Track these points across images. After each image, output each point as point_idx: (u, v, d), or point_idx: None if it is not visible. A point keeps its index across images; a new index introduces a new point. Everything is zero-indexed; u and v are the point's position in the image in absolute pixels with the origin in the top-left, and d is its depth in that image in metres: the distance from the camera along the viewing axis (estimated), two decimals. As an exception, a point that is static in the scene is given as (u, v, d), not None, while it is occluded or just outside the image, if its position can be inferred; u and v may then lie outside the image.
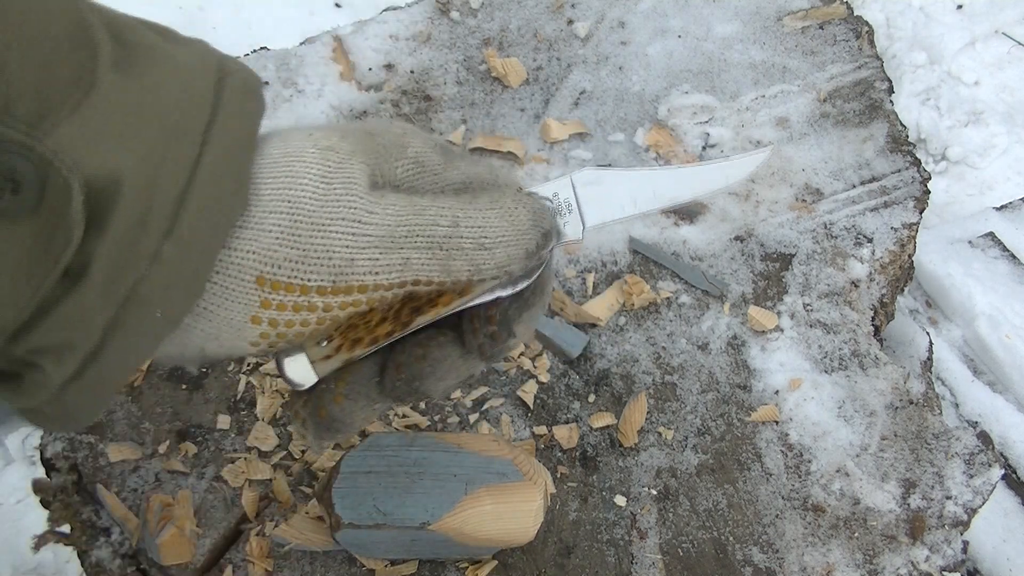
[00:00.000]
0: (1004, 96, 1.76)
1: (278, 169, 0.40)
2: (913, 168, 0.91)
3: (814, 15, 1.02)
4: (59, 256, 0.33)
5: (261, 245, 0.39)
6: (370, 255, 0.41)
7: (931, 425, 0.76)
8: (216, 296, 0.39)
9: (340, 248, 0.40)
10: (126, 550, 0.70)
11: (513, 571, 0.69)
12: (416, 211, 0.42)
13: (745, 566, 0.70)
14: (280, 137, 0.41)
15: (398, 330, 0.44)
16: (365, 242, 0.41)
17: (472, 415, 0.76)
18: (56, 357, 0.35)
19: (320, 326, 0.42)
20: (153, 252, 0.35)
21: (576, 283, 0.84)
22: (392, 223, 0.41)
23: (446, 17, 1.03)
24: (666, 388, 0.78)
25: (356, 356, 0.44)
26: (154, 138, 0.35)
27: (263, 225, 0.39)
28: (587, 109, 0.96)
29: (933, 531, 0.72)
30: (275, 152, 0.40)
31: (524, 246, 0.44)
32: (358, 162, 0.42)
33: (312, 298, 0.41)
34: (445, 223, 0.42)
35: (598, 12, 1.03)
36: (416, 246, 0.42)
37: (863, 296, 0.85)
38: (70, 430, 0.69)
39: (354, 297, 0.42)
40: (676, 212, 0.88)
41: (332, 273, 0.41)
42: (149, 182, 0.34)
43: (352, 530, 0.62)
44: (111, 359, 0.36)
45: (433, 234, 0.42)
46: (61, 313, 0.34)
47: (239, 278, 0.39)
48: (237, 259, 0.39)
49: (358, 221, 0.40)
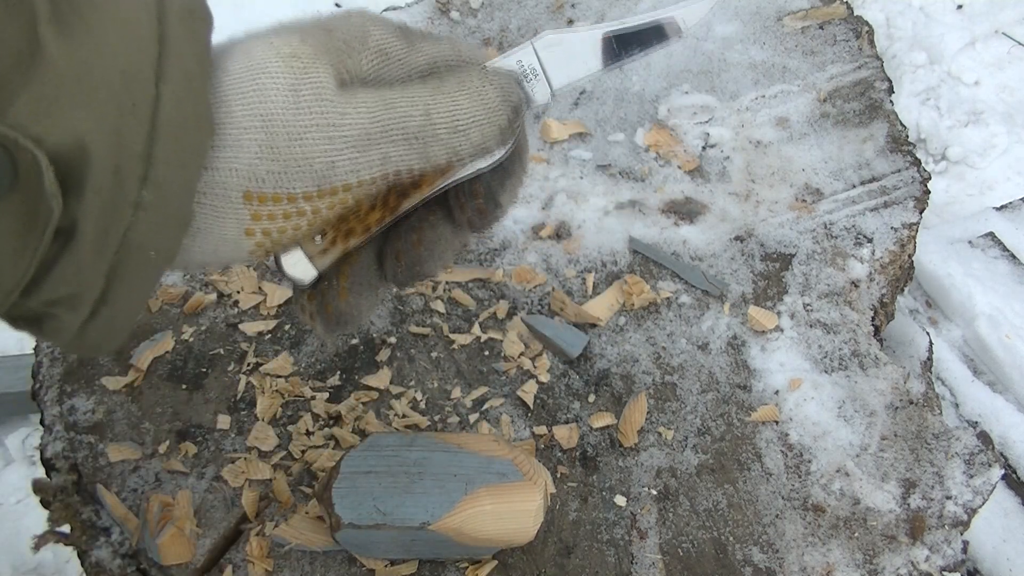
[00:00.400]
0: (1004, 96, 1.76)
1: (245, 85, 0.40)
2: (913, 168, 0.91)
3: (814, 15, 1.02)
4: (46, 224, 0.34)
5: (242, 163, 0.40)
6: (349, 156, 0.42)
7: (931, 425, 0.76)
8: (208, 217, 0.40)
9: (319, 155, 0.41)
10: (126, 550, 0.70)
11: (513, 571, 0.69)
12: (387, 106, 0.43)
13: (745, 566, 0.70)
14: (241, 50, 0.42)
15: (388, 216, 0.45)
16: (342, 144, 0.42)
17: (472, 415, 0.76)
18: (68, 306, 0.37)
19: (312, 227, 0.43)
20: (134, 200, 0.36)
21: (576, 283, 0.84)
22: (366, 122, 0.42)
23: (446, 17, 1.03)
24: (666, 388, 0.78)
25: (351, 246, 0.46)
26: (109, 93, 0.35)
27: (241, 143, 0.40)
28: (587, 109, 0.96)
29: (933, 531, 0.72)
30: (238, 67, 0.41)
31: (497, 123, 0.45)
32: (323, 65, 0.42)
33: (300, 204, 0.42)
34: (417, 114, 0.43)
35: (598, 12, 1.03)
36: (392, 140, 0.43)
37: (863, 296, 0.85)
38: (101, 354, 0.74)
39: (340, 196, 0.43)
40: (676, 212, 0.88)
41: (315, 179, 0.42)
42: (114, 138, 0.35)
43: (352, 530, 0.62)
44: (120, 300, 0.38)
45: (407, 126, 0.43)
46: (61, 271, 0.36)
47: (227, 197, 0.40)
48: (222, 179, 0.40)
49: (332, 125, 0.41)
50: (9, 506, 1.35)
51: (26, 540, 1.24)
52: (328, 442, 0.74)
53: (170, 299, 0.82)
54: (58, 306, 0.37)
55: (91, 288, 0.37)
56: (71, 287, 0.36)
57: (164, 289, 0.82)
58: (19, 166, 0.33)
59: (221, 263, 0.43)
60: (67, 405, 0.76)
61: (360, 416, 0.76)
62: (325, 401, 0.76)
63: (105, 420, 0.75)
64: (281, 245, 0.44)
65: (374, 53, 0.45)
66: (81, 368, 0.78)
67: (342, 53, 0.44)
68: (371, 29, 0.45)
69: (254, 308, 0.82)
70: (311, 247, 0.45)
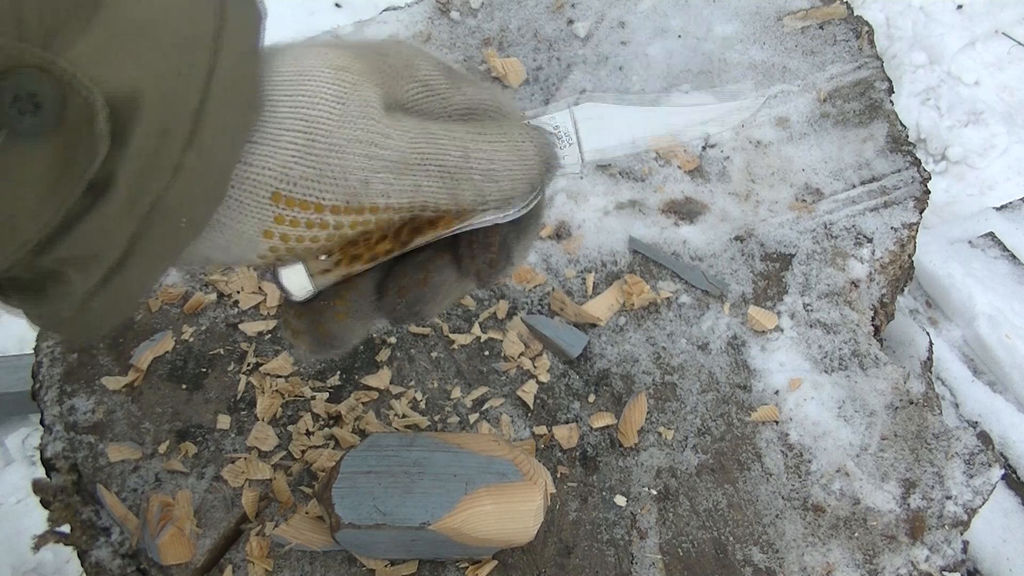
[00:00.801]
0: (1004, 96, 1.76)
1: (293, 87, 0.40)
2: (913, 168, 0.91)
3: (814, 15, 1.02)
4: (83, 172, 0.33)
5: (277, 161, 0.40)
6: (384, 178, 0.42)
7: (931, 425, 0.76)
8: (231, 210, 0.40)
9: (356, 169, 0.41)
10: (126, 550, 0.70)
11: (513, 571, 0.69)
12: (429, 138, 0.43)
13: (745, 566, 0.70)
14: (292, 55, 0.42)
15: (397, 248, 0.45)
16: (380, 165, 0.41)
17: (472, 415, 0.76)
18: (82, 267, 0.36)
19: (328, 243, 0.43)
20: (176, 163, 0.35)
21: (576, 283, 0.84)
22: (406, 148, 0.42)
23: (446, 17, 1.03)
24: (666, 388, 0.78)
25: (353, 271, 0.45)
26: (168, 49, 0.35)
27: (280, 142, 0.40)
28: (587, 109, 0.96)
29: (933, 531, 0.72)
30: (288, 69, 0.41)
31: (529, 179, 0.45)
32: (372, 84, 0.42)
33: (325, 216, 0.42)
34: (456, 152, 0.43)
35: (598, 12, 1.03)
36: (428, 173, 0.43)
37: (863, 296, 0.85)
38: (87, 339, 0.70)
39: (365, 217, 0.42)
40: (676, 212, 0.88)
41: (346, 193, 0.41)
42: (168, 94, 0.35)
43: (352, 530, 0.62)
44: (135, 269, 0.37)
45: (445, 162, 0.43)
46: (87, 226, 0.35)
47: (255, 193, 0.40)
48: (254, 174, 0.39)
49: (374, 144, 0.41)
50: (9, 506, 1.35)
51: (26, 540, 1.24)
52: (328, 442, 0.74)
53: (170, 299, 0.82)
54: (71, 266, 0.36)
55: (113, 248, 0.36)
56: (92, 246, 0.35)
57: (164, 289, 0.82)
58: (69, 104, 0.32)
59: (229, 261, 0.43)
60: (67, 405, 0.76)
61: (360, 416, 0.76)
62: (325, 401, 0.76)
63: (105, 420, 0.75)
64: (294, 254, 0.43)
65: (420, 85, 0.45)
66: (81, 368, 0.78)
67: (391, 78, 0.44)
68: (419, 62, 0.45)
69: (254, 308, 0.82)
70: (314, 264, 0.44)
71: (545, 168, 0.46)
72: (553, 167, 0.47)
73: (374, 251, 0.44)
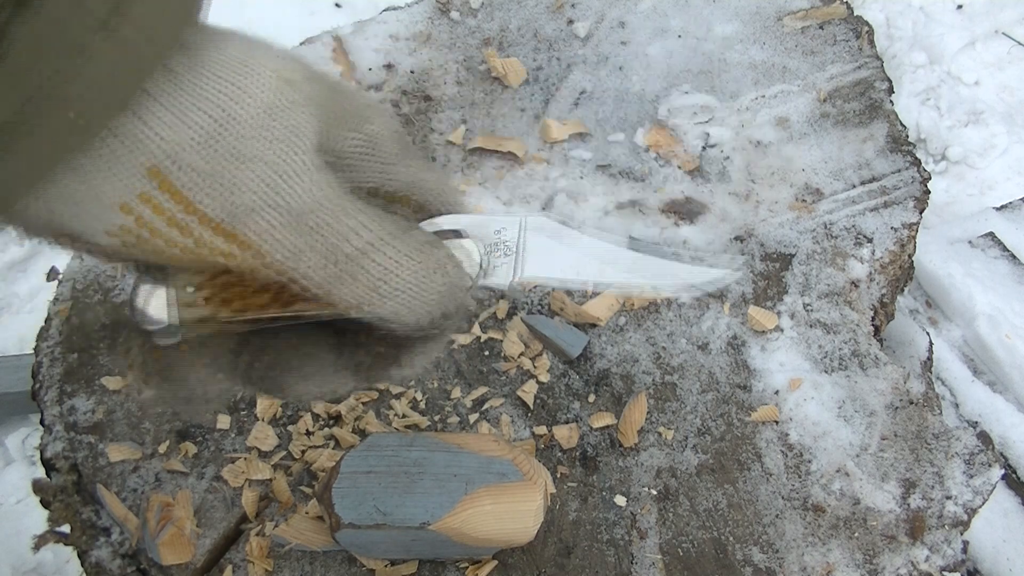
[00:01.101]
0: (1004, 96, 1.76)
1: (228, 72, 0.36)
2: (913, 168, 0.91)
3: (814, 15, 1.02)
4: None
5: (174, 136, 0.35)
6: (271, 219, 0.37)
7: (931, 425, 0.76)
8: (103, 159, 0.35)
9: (248, 191, 0.36)
10: (126, 550, 0.70)
11: (513, 571, 0.69)
12: (338, 210, 0.38)
13: (745, 566, 0.70)
14: (246, 43, 0.38)
15: (276, 308, 0.39)
16: (274, 203, 0.36)
17: (472, 415, 0.76)
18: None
19: (182, 256, 0.37)
20: (83, 43, 0.31)
21: (576, 283, 0.84)
22: (309, 205, 0.37)
23: (446, 17, 1.03)
24: (666, 388, 0.78)
25: (219, 317, 0.39)
26: None
27: (187, 118, 0.35)
28: (587, 109, 0.96)
29: (933, 531, 0.72)
30: (234, 54, 0.37)
31: (416, 313, 0.40)
32: (312, 114, 0.38)
33: (191, 221, 0.36)
34: (356, 244, 0.38)
35: (598, 12, 1.03)
36: (315, 247, 0.37)
37: (863, 296, 0.85)
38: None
39: (231, 248, 0.37)
40: (676, 212, 0.88)
41: (226, 210, 0.36)
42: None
43: (352, 530, 0.62)
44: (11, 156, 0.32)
45: (336, 247, 0.38)
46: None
47: (135, 154, 0.35)
48: (143, 134, 0.35)
49: (280, 176, 0.36)
50: (9, 506, 1.35)
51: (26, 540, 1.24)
52: (328, 442, 0.74)
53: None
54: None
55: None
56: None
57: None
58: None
59: (73, 227, 0.36)
60: (67, 405, 0.76)
61: (360, 416, 0.76)
62: (325, 401, 0.76)
63: (105, 420, 0.75)
64: (139, 251, 0.37)
65: (364, 140, 0.41)
66: (81, 368, 0.78)
67: (337, 118, 0.40)
68: (374, 116, 0.42)
69: (254, 308, 0.82)
70: (181, 294, 0.38)
71: (441, 313, 0.41)
72: (451, 315, 0.41)
73: (248, 301, 0.39)
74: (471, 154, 0.93)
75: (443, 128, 0.94)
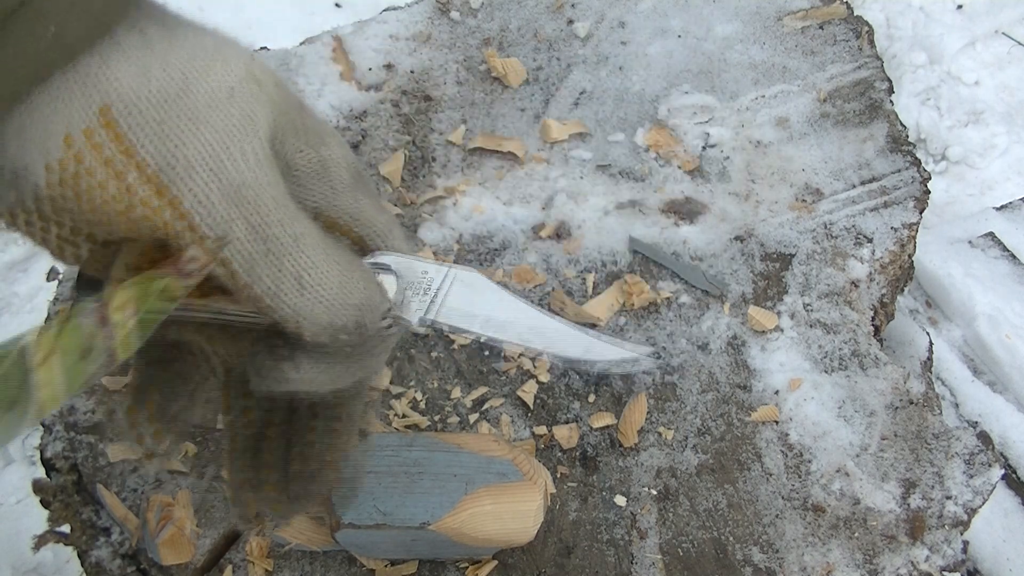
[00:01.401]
0: (1004, 96, 1.76)
1: (200, 52, 0.37)
2: (913, 168, 0.91)
3: (814, 15, 1.02)
4: None
5: (133, 85, 0.36)
6: (207, 181, 0.37)
7: (931, 425, 0.76)
8: (58, 91, 0.35)
9: (191, 148, 0.36)
10: (126, 550, 0.70)
11: (513, 571, 0.69)
12: (277, 195, 0.38)
13: (745, 566, 0.70)
14: (224, 39, 0.39)
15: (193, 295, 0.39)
16: (214, 167, 0.37)
17: (472, 415, 0.76)
18: None
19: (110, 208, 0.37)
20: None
21: (576, 283, 0.84)
22: (249, 180, 0.37)
23: (446, 17, 1.03)
24: (666, 388, 0.78)
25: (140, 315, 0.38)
26: None
27: (150, 74, 0.36)
28: (587, 109, 0.96)
29: (933, 531, 0.72)
30: (209, 41, 0.38)
31: (332, 314, 0.40)
32: (269, 111, 0.39)
33: (127, 166, 0.36)
34: (288, 230, 0.38)
35: (598, 12, 1.03)
36: (248, 220, 0.37)
37: (863, 296, 0.85)
38: None
39: (157, 204, 0.37)
40: (676, 212, 0.88)
41: (165, 160, 0.36)
42: None
43: (352, 530, 0.62)
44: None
45: (268, 225, 0.38)
46: None
47: (88, 90, 0.35)
48: (103, 75, 0.35)
49: (227, 146, 0.37)
50: (9, 506, 1.35)
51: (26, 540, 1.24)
52: (328, 442, 0.74)
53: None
54: None
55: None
56: None
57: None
58: None
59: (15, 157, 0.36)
60: (67, 405, 0.76)
61: (360, 416, 0.76)
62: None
63: (105, 420, 0.75)
64: (73, 191, 0.36)
65: (318, 160, 0.42)
66: (81, 368, 0.78)
67: (295, 130, 0.40)
68: (332, 142, 0.42)
69: (254, 308, 0.82)
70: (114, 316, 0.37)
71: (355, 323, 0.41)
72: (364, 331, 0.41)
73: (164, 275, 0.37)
74: (471, 154, 0.93)
75: (443, 128, 0.94)
